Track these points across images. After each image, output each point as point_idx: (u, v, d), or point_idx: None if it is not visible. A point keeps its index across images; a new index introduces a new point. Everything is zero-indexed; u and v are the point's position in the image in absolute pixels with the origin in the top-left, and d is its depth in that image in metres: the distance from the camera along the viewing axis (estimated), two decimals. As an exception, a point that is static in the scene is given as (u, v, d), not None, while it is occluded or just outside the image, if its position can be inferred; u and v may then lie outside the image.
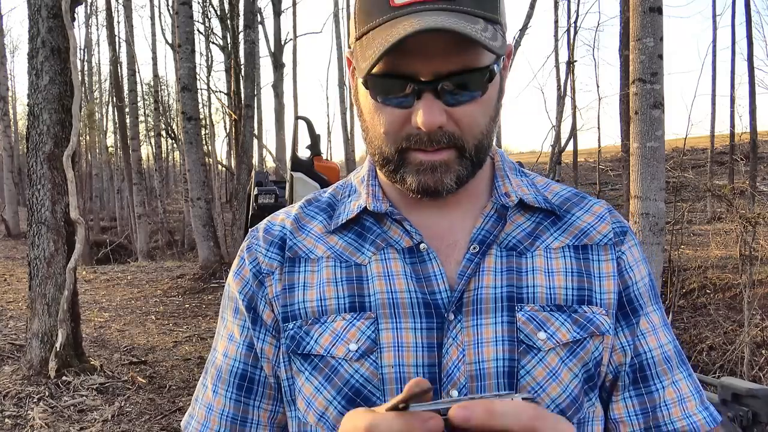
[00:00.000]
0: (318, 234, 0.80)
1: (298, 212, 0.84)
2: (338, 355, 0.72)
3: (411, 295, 0.73)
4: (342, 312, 0.74)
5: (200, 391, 0.83)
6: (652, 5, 5.27)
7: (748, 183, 12.16)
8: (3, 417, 3.76)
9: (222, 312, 0.84)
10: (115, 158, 22.08)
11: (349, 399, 0.72)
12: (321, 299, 0.75)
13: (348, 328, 0.73)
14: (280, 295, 0.78)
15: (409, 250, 0.75)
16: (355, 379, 0.72)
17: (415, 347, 0.72)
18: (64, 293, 4.20)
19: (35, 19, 4.30)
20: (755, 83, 12.97)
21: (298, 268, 0.79)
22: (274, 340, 0.78)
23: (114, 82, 16.66)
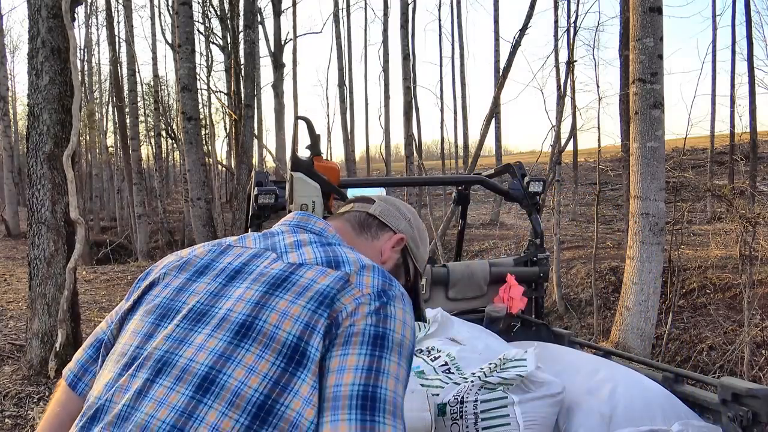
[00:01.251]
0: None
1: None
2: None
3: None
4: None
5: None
6: (652, 5, 5.26)
7: (748, 183, 12.16)
8: (3, 417, 3.76)
9: (400, 348, 0.86)
10: (115, 158, 22.08)
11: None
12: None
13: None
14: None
15: None
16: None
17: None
18: (64, 293, 4.20)
19: (35, 19, 4.30)
20: (755, 83, 12.97)
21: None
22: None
23: (114, 82, 16.66)
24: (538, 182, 2.85)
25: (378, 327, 0.82)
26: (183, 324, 0.85)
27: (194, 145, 9.24)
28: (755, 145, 13.10)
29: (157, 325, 0.87)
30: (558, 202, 8.83)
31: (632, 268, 5.39)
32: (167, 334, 0.85)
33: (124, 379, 0.83)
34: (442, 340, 2.16)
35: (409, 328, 0.87)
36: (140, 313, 0.91)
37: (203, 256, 0.96)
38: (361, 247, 1.05)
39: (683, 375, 1.89)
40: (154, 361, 0.82)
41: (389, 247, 1.08)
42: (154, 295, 0.92)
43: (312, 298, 0.83)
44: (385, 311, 0.84)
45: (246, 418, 0.74)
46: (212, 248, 0.98)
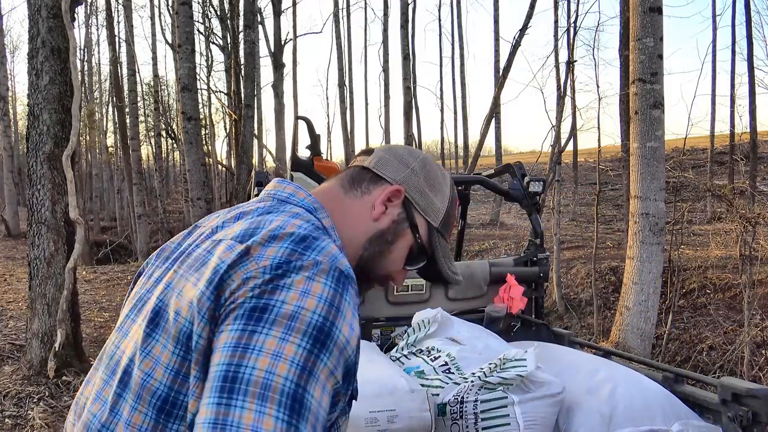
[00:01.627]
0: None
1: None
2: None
3: None
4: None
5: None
6: (652, 5, 5.27)
7: (748, 183, 12.16)
8: (3, 417, 3.76)
9: (327, 338, 0.71)
10: (115, 158, 22.08)
11: None
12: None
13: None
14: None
15: None
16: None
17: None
18: (64, 293, 4.20)
19: (35, 19, 4.30)
20: (755, 83, 12.97)
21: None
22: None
23: (114, 82, 16.66)
24: (538, 182, 2.86)
25: (260, 299, 0.69)
26: (130, 314, 0.84)
27: (194, 145, 9.24)
28: (755, 145, 13.11)
29: (127, 317, 0.85)
30: (558, 202, 8.83)
31: (632, 268, 5.39)
32: (120, 326, 0.85)
33: (93, 376, 0.84)
34: (442, 340, 2.16)
35: (320, 300, 0.70)
36: (124, 308, 0.90)
37: (176, 241, 0.91)
38: (350, 207, 0.92)
39: (683, 375, 1.90)
40: (107, 357, 0.83)
41: (380, 202, 0.91)
42: (136, 288, 0.90)
43: (207, 278, 0.73)
44: (277, 282, 0.70)
45: (153, 411, 0.72)
46: (186, 231, 0.93)
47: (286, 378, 0.65)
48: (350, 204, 0.92)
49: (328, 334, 0.69)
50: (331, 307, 0.70)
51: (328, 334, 0.69)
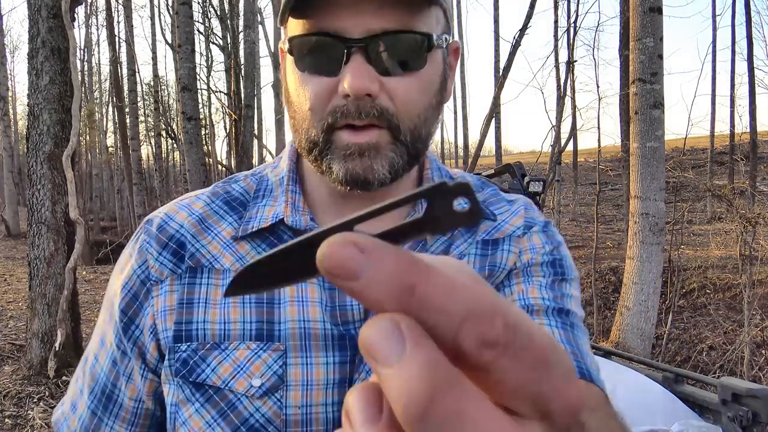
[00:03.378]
0: (226, 239, 0.68)
1: (203, 209, 0.71)
2: (238, 390, 0.63)
3: (325, 326, 0.64)
4: (247, 339, 0.64)
5: (75, 378, 0.74)
6: (652, 5, 5.27)
7: (748, 183, 12.16)
8: (3, 417, 3.77)
9: (104, 304, 0.73)
10: (115, 158, 22.08)
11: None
12: (224, 321, 0.64)
13: (252, 360, 0.63)
14: (173, 310, 0.66)
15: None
16: (255, 419, 0.63)
17: (325, 385, 0.63)
18: (64, 293, 4.20)
19: (35, 19, 4.30)
20: (755, 83, 12.97)
21: (200, 279, 0.67)
22: (144, 363, 0.68)
23: (114, 82, 16.66)
24: (538, 182, 2.86)
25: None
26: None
27: (194, 145, 9.24)
28: (755, 145, 13.11)
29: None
30: (558, 202, 8.83)
31: (632, 268, 5.39)
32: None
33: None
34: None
35: (115, 274, 0.71)
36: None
37: None
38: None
39: (683, 375, 1.89)
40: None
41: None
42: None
43: None
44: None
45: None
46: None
47: (92, 356, 0.73)
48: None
49: (112, 298, 0.71)
50: (120, 271, 0.72)
51: (112, 298, 0.71)
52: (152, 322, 0.67)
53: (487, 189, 0.79)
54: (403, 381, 0.18)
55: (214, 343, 0.64)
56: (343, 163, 0.61)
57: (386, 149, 0.62)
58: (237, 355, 0.63)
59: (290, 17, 0.62)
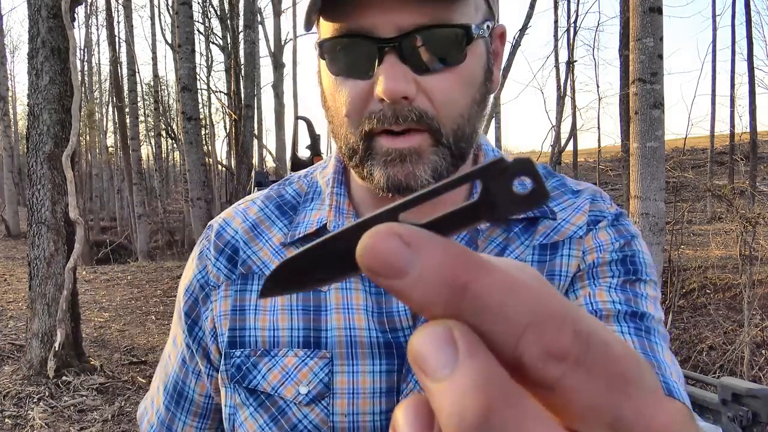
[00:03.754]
0: (276, 246, 0.68)
1: (257, 215, 0.71)
2: (287, 396, 0.63)
3: (371, 333, 0.63)
4: (294, 347, 0.64)
5: (155, 375, 0.79)
6: (652, 5, 5.28)
7: (748, 183, 12.16)
8: (3, 417, 3.76)
9: (175, 306, 0.76)
10: (115, 158, 22.08)
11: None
12: (273, 328, 0.65)
13: (300, 367, 0.64)
14: (227, 315, 0.68)
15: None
16: (303, 425, 0.63)
17: (372, 393, 0.62)
18: (63, 293, 4.20)
19: (35, 19, 4.30)
20: (755, 83, 12.98)
21: (250, 285, 0.68)
22: (209, 363, 0.70)
23: (114, 82, 16.65)
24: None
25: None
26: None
27: (194, 145, 9.25)
28: (755, 145, 13.11)
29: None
30: (558, 202, 8.82)
31: (632, 268, 5.39)
32: None
33: None
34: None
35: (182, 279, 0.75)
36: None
37: None
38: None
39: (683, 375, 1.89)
40: None
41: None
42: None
43: None
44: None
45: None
46: None
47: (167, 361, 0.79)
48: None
49: (181, 308, 0.75)
50: (185, 280, 0.75)
51: (181, 308, 0.75)
52: (212, 326, 0.69)
53: (552, 180, 0.72)
54: (454, 397, 0.16)
55: (265, 349, 0.65)
56: (384, 170, 0.59)
57: (428, 153, 0.58)
58: (285, 362, 0.64)
59: (318, 19, 0.60)
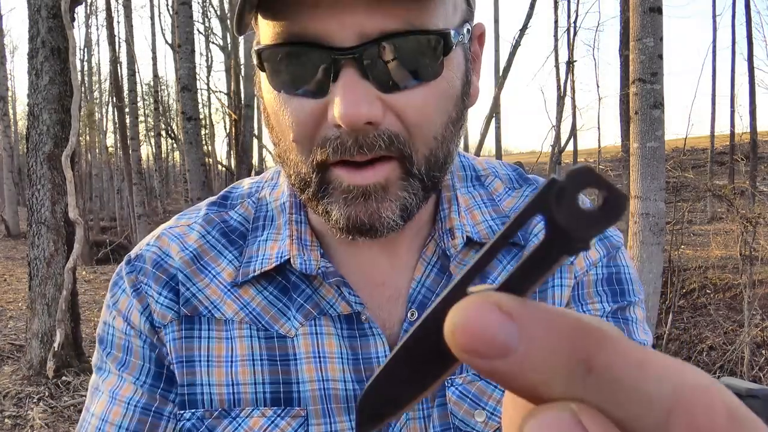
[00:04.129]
0: (226, 283, 0.56)
1: (197, 243, 0.58)
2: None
3: (347, 385, 0.54)
4: (261, 405, 0.54)
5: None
6: (652, 5, 5.28)
7: (748, 183, 12.16)
8: (3, 417, 3.76)
9: (99, 360, 0.60)
10: (115, 158, 22.07)
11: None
12: (233, 383, 0.54)
13: (269, 429, 0.53)
14: (176, 365, 0.55)
15: (346, 319, 0.55)
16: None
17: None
18: (63, 293, 4.20)
19: (35, 19, 4.29)
20: (755, 83, 12.98)
21: (198, 330, 0.55)
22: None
23: (114, 82, 16.65)
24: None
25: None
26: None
27: (194, 145, 9.25)
28: (755, 145, 13.11)
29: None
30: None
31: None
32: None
33: None
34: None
35: (105, 312, 0.61)
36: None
37: None
38: None
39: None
40: None
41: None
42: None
43: None
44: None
45: None
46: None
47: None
48: None
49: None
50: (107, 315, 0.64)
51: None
52: (173, 374, 0.56)
53: (528, 188, 0.63)
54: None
55: (223, 410, 0.54)
56: (344, 209, 0.48)
57: (396, 188, 0.49)
58: (250, 424, 0.53)
59: (256, 20, 0.47)
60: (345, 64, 0.44)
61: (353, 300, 0.54)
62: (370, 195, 0.47)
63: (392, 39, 0.44)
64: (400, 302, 0.56)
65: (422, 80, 0.46)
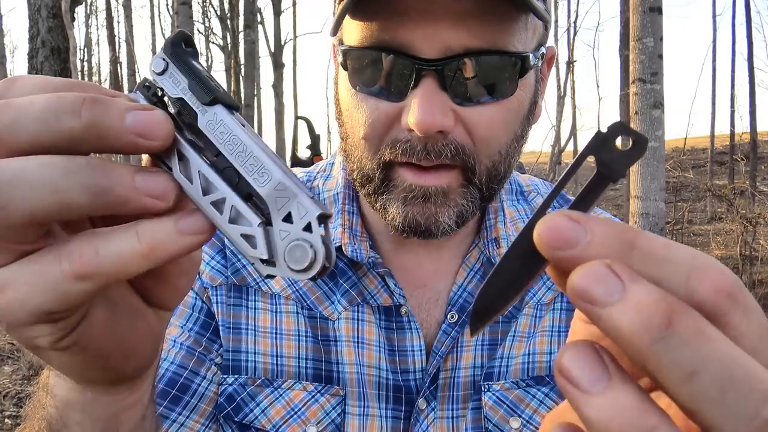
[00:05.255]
0: None
1: None
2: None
3: (381, 373, 0.56)
4: (303, 379, 0.56)
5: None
6: (652, 5, 5.28)
7: (748, 183, 12.16)
8: (3, 417, 3.77)
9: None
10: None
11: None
12: (277, 355, 0.56)
13: (309, 404, 0.55)
14: (222, 328, 0.57)
15: (386, 311, 0.57)
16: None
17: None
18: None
19: (35, 19, 4.30)
20: (755, 83, 12.98)
21: (246, 301, 0.57)
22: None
23: (114, 82, 16.67)
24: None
25: None
26: None
27: (194, 145, 9.25)
28: (755, 145, 13.11)
29: None
30: (558, 202, 8.83)
31: (632, 268, 5.40)
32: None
33: None
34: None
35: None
36: None
37: None
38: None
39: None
40: None
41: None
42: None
43: None
44: None
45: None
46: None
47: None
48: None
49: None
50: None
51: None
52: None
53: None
54: (632, 312, 0.19)
55: (266, 378, 0.56)
56: (402, 207, 0.51)
57: (456, 195, 0.51)
58: (291, 396, 0.55)
59: (347, 18, 0.49)
60: (426, 74, 0.46)
61: (398, 292, 0.57)
62: (429, 197, 0.50)
63: (475, 56, 0.46)
64: (439, 304, 0.59)
65: (497, 98, 0.49)
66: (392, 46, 0.47)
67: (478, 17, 0.45)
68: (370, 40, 0.48)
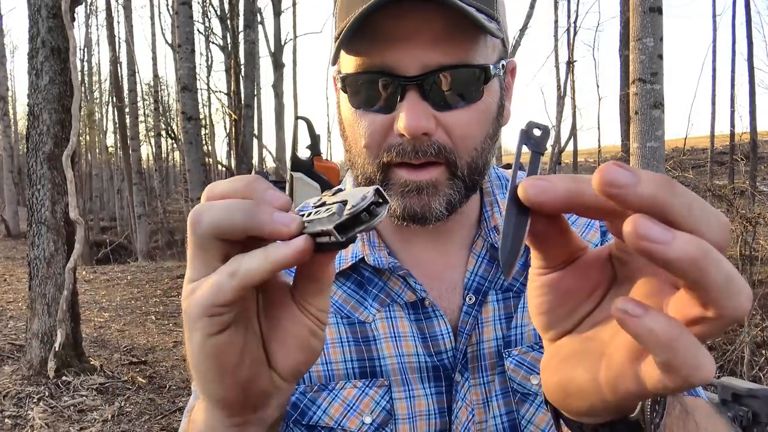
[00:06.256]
0: None
1: None
2: (351, 428, 0.65)
3: (419, 358, 0.67)
4: (352, 378, 0.66)
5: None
6: (652, 5, 5.28)
7: (748, 183, 12.16)
8: (3, 417, 3.76)
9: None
10: (115, 158, 22.09)
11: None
12: (327, 362, 0.67)
13: (361, 398, 0.66)
14: None
15: (412, 305, 0.68)
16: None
17: (428, 415, 0.66)
18: (63, 293, 4.19)
19: (35, 19, 4.30)
20: (755, 83, 12.99)
21: None
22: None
23: (114, 82, 16.65)
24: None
25: None
26: None
27: (194, 145, 9.24)
28: (755, 145, 13.12)
29: None
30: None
31: (632, 268, 5.39)
32: None
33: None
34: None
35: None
36: None
37: None
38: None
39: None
40: None
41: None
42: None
43: None
44: None
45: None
46: None
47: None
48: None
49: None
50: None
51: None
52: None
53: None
54: (685, 244, 0.26)
55: (321, 384, 0.66)
56: (400, 200, 0.62)
57: (444, 186, 0.62)
58: (345, 394, 0.66)
59: (342, 52, 0.61)
60: (410, 89, 0.59)
61: (419, 288, 0.68)
62: (422, 190, 0.61)
63: (447, 70, 0.58)
64: (457, 291, 0.70)
65: (468, 102, 0.61)
66: (382, 68, 0.59)
67: (448, 40, 0.57)
68: (363, 67, 0.60)
